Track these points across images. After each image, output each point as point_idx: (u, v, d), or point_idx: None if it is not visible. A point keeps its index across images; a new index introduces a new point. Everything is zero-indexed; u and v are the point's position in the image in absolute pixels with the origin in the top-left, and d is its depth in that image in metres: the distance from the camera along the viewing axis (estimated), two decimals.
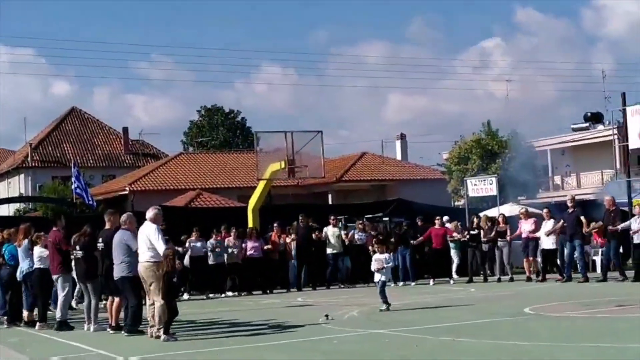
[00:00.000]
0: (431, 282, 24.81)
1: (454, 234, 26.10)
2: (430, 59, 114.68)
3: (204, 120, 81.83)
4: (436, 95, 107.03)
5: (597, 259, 25.31)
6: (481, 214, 27.72)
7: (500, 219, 25.30)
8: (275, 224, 25.37)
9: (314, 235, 25.61)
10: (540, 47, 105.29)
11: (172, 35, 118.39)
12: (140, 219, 13.92)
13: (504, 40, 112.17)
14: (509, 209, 31.31)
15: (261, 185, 27.18)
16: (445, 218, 27.02)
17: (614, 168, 42.71)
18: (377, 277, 16.35)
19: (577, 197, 31.77)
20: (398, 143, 63.84)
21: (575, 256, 22.80)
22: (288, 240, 25.16)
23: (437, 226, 25.50)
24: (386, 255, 16.50)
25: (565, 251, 22.76)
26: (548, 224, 23.31)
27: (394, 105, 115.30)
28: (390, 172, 55.10)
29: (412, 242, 25.30)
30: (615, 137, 37.85)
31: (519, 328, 12.74)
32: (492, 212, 28.97)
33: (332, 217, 26.03)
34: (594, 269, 24.95)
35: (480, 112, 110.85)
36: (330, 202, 49.38)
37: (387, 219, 29.06)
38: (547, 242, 23.29)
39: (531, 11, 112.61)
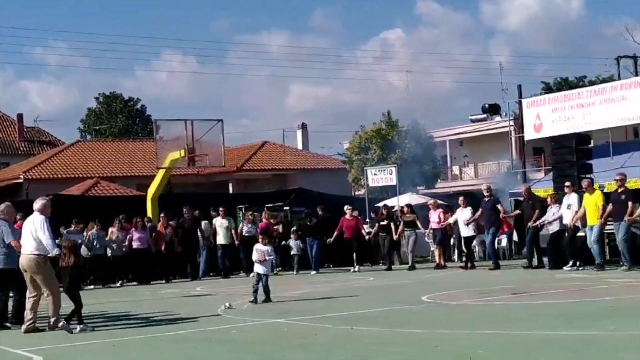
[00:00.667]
0: (356, 268, 25.14)
1: (365, 228, 26.44)
2: (333, 48, 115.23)
3: (102, 107, 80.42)
4: (338, 86, 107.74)
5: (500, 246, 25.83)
6: (380, 204, 28.02)
7: (406, 209, 25.67)
8: (161, 214, 25.15)
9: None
10: (440, 39, 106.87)
11: (69, 20, 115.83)
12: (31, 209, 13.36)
13: (404, 31, 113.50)
14: (408, 199, 31.67)
15: (160, 174, 26.88)
16: (348, 207, 27.24)
17: (511, 159, 43.62)
18: (257, 268, 15.80)
19: (474, 188, 32.33)
20: (299, 132, 63.93)
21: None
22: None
23: (347, 217, 25.67)
24: (268, 247, 16.06)
25: (487, 240, 23.10)
26: (465, 212, 23.72)
27: (296, 95, 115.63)
28: (291, 161, 55.20)
29: (329, 240, 25.75)
30: (512, 128, 38.71)
31: (416, 316, 12.84)
32: (392, 202, 29.34)
33: (220, 209, 25.76)
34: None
35: (382, 102, 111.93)
36: (231, 191, 49.18)
37: (287, 208, 29.08)
38: (466, 230, 23.72)
39: (432, 3, 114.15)
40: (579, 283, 16.74)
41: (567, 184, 21.19)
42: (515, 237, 27.05)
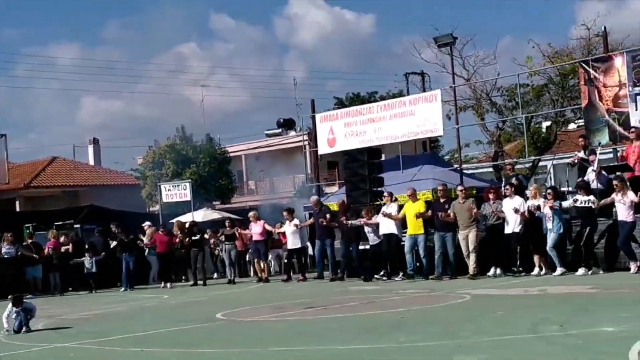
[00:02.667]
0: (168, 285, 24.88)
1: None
2: (126, 62, 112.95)
3: None
4: (132, 99, 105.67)
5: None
6: (174, 220, 27.66)
7: (228, 223, 26.11)
8: None
9: None
10: (235, 53, 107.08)
11: None
12: None
13: (199, 45, 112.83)
14: (204, 214, 31.39)
15: None
16: (147, 223, 26.92)
17: (305, 173, 44.08)
18: None
19: (271, 202, 32.41)
20: (90, 148, 62.09)
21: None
22: None
23: (160, 232, 25.64)
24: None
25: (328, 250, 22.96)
26: (291, 225, 23.83)
27: (88, 109, 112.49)
28: (82, 177, 53.49)
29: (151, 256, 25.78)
30: (306, 142, 39.10)
31: (209, 334, 12.52)
32: (187, 218, 28.94)
33: None
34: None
35: (176, 117, 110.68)
36: (18, 209, 47.10)
37: (78, 226, 28.14)
38: (293, 242, 23.84)
39: (225, 18, 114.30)
40: (372, 295, 16.95)
41: (386, 194, 21.55)
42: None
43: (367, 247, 21.62)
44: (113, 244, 25.70)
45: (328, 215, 22.73)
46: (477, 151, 46.29)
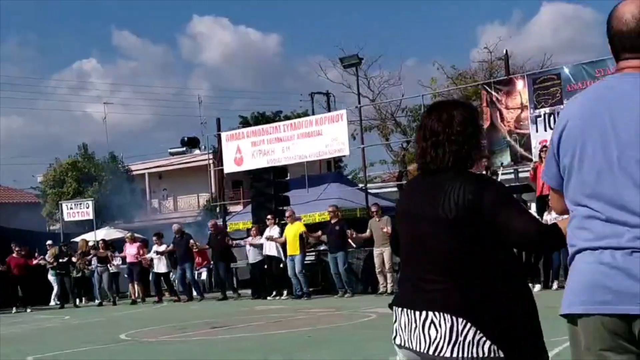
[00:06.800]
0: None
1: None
2: (25, 78, 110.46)
3: None
4: (31, 116, 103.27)
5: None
6: (78, 238, 27.19)
7: (100, 244, 25.52)
8: None
9: None
10: (139, 71, 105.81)
11: None
12: None
13: (100, 62, 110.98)
14: (106, 233, 30.89)
15: None
16: (49, 242, 26.45)
17: (210, 192, 43.78)
18: None
19: (175, 221, 32.17)
20: None
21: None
22: None
23: (14, 255, 24.98)
24: None
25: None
26: (161, 248, 23.97)
27: None
28: None
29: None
30: (211, 161, 38.84)
31: (114, 356, 12.27)
32: (89, 236, 28.47)
33: None
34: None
35: (78, 134, 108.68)
36: None
37: None
38: (160, 266, 24.04)
39: (128, 35, 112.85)
40: (279, 314, 16.90)
41: (269, 216, 21.64)
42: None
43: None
44: None
45: (192, 241, 23.43)
46: (381, 171, 46.76)
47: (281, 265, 21.19)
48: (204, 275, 26.79)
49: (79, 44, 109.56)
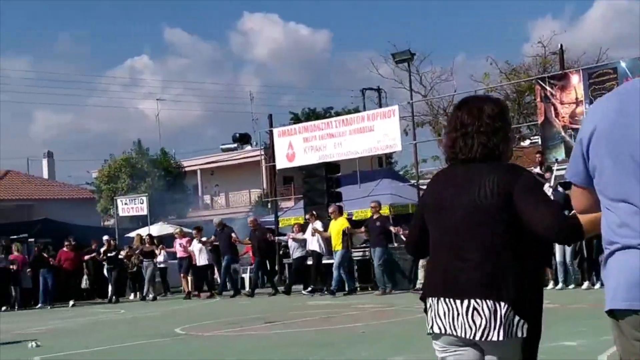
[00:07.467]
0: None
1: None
2: (78, 75, 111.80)
3: None
4: (85, 113, 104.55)
5: (246, 276, 25.72)
6: (133, 234, 27.50)
7: (146, 239, 25.75)
8: None
9: None
10: (190, 67, 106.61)
11: None
12: None
13: (152, 59, 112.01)
14: (160, 228, 31.19)
15: None
16: (105, 238, 26.69)
17: (262, 188, 43.98)
18: None
19: (227, 217, 32.31)
20: (45, 161, 61.50)
21: None
22: None
23: (65, 249, 25.26)
24: None
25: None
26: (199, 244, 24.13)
27: (40, 123, 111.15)
28: (36, 191, 52.89)
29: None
30: (263, 157, 39.00)
31: (170, 349, 12.40)
32: (143, 232, 28.75)
33: None
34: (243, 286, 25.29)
35: (132, 130, 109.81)
36: None
37: (32, 240, 27.78)
38: (201, 259, 24.07)
39: (179, 32, 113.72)
40: (331, 310, 16.90)
41: (311, 213, 21.86)
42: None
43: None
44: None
45: (233, 235, 23.61)
46: (433, 167, 46.56)
47: (323, 261, 21.29)
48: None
49: (131, 41, 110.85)
